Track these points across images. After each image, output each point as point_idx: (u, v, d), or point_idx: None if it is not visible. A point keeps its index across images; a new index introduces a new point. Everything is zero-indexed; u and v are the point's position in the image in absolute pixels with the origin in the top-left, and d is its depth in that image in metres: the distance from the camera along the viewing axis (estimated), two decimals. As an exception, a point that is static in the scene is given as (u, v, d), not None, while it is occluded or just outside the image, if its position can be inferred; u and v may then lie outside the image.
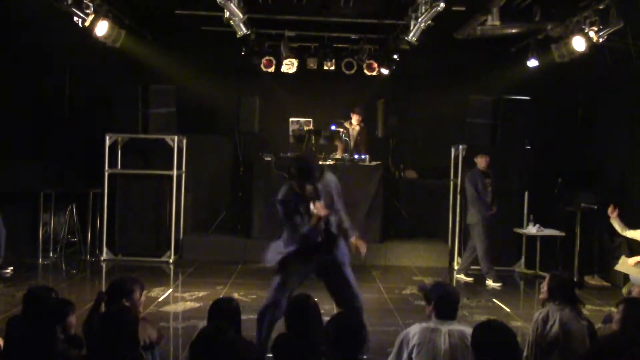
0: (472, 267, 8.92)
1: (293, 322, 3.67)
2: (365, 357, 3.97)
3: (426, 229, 10.56)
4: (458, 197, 9.71)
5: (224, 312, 3.70)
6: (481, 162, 8.76)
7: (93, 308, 3.96)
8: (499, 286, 8.44)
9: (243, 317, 3.86)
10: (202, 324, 5.66)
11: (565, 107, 10.64)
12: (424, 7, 7.42)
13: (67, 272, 8.82)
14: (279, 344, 3.59)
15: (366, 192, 9.70)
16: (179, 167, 9.69)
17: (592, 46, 7.71)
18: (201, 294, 7.55)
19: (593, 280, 8.66)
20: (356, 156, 9.88)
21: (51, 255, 9.32)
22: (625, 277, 7.53)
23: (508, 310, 7.32)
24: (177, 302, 7.21)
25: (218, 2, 7.33)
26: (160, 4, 9.31)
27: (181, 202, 9.84)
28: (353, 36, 10.78)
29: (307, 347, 3.37)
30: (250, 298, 7.40)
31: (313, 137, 9.81)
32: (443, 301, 3.72)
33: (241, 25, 8.34)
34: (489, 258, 8.57)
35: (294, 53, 10.72)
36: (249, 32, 8.92)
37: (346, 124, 10.30)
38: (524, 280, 9.16)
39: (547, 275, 4.34)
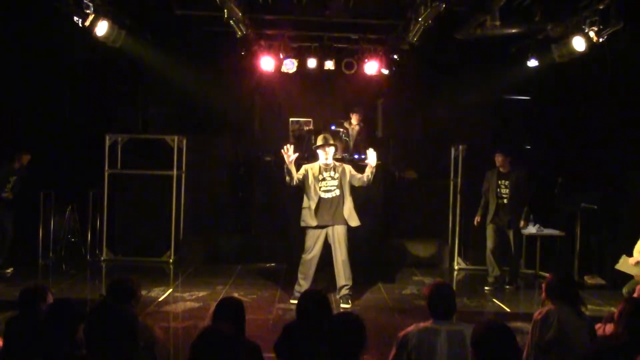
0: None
1: (305, 316, 3.66)
2: (365, 357, 3.96)
3: (426, 229, 10.54)
4: (458, 197, 9.71)
5: (229, 312, 3.68)
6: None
7: (94, 309, 3.95)
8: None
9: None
10: (202, 324, 5.68)
11: (565, 107, 10.64)
12: (423, 7, 7.41)
13: (67, 272, 8.83)
14: (283, 340, 3.58)
15: (366, 192, 9.68)
16: (179, 167, 9.69)
17: (592, 46, 7.71)
18: (201, 294, 7.55)
19: (592, 280, 8.65)
20: (356, 156, 9.87)
21: (51, 255, 9.33)
22: (625, 277, 7.52)
23: (508, 310, 7.32)
24: (177, 302, 7.22)
25: (218, 2, 7.32)
26: (160, 4, 9.30)
27: (181, 202, 9.84)
28: (353, 36, 10.76)
29: (314, 344, 3.35)
30: (250, 298, 7.41)
31: (313, 137, 9.80)
32: (435, 301, 3.70)
33: (241, 25, 8.33)
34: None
35: (294, 53, 10.71)
36: (249, 32, 8.92)
37: (346, 124, 10.29)
38: (524, 280, 9.16)
39: (547, 275, 4.35)
